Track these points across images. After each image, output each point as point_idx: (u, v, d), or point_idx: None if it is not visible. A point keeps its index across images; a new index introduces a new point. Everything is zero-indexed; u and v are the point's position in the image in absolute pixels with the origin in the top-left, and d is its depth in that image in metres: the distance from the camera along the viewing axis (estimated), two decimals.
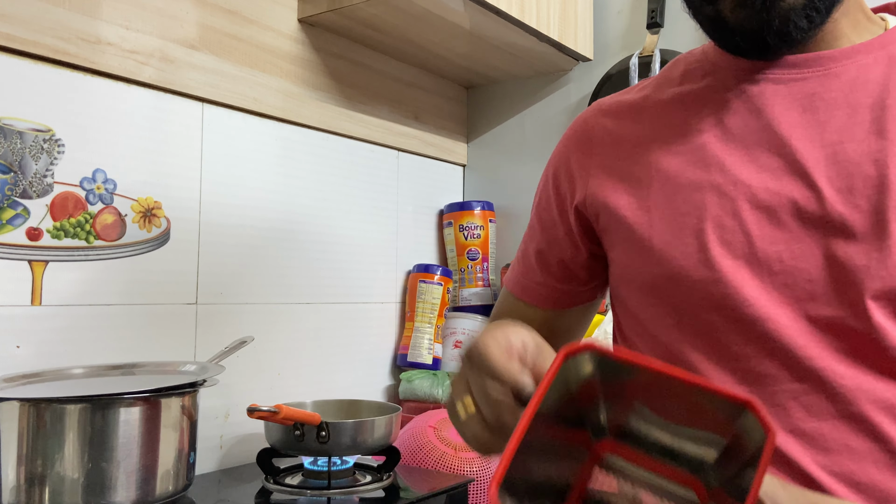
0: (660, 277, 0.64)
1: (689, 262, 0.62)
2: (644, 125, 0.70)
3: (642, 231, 0.66)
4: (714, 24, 0.63)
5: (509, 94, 1.72)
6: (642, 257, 0.66)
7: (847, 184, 0.58)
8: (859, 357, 0.57)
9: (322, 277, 1.38)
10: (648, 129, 0.70)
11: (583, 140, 0.75)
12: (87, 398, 0.84)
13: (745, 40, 0.62)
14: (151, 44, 1.11)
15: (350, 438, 1.06)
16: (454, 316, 1.60)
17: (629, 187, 0.68)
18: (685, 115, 0.68)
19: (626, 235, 0.68)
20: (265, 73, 1.27)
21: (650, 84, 0.74)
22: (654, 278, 0.65)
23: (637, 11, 1.54)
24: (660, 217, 0.65)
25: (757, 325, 0.59)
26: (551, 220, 0.77)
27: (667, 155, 0.67)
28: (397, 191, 1.58)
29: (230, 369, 1.13)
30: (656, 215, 0.65)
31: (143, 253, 1.10)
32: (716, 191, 0.62)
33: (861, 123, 0.60)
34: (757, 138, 0.63)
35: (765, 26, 0.59)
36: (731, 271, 0.60)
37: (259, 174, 1.28)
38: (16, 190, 0.96)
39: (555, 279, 0.79)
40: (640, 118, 0.71)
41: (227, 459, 1.20)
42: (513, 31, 1.42)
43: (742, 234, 0.60)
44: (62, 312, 1.01)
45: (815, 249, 0.58)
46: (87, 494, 0.83)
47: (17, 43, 0.96)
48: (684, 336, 0.63)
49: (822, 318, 0.58)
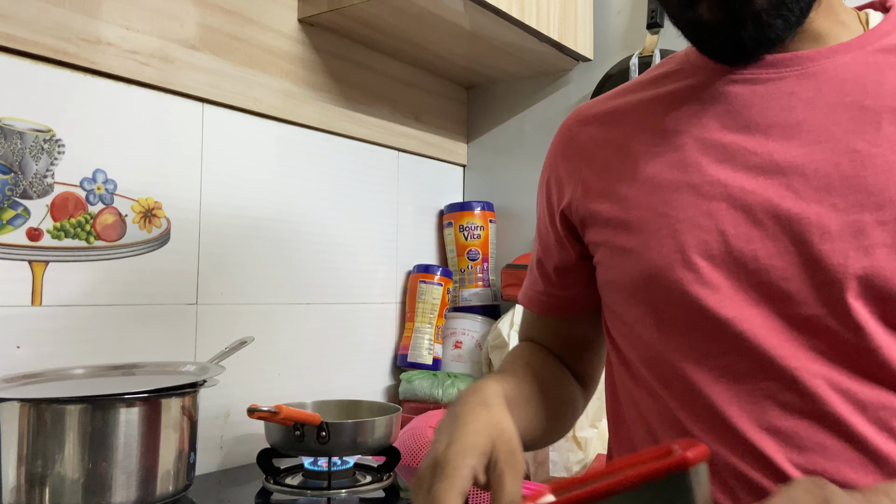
0: (639, 279, 0.64)
1: (666, 262, 0.62)
2: (625, 127, 0.71)
3: (622, 232, 0.66)
4: (694, 28, 0.63)
5: (509, 94, 1.72)
6: (623, 258, 0.66)
7: (824, 182, 0.58)
8: (834, 357, 0.57)
9: (322, 278, 1.38)
10: (629, 131, 0.70)
11: (566, 147, 0.76)
12: (88, 398, 0.84)
13: (724, 43, 0.62)
14: (151, 44, 1.11)
15: (350, 439, 1.06)
16: (454, 316, 1.60)
17: (610, 191, 0.69)
18: (665, 116, 0.68)
19: (608, 238, 0.68)
20: (265, 73, 1.27)
21: (632, 86, 0.74)
22: (634, 279, 0.65)
23: (637, 11, 1.54)
24: (639, 218, 0.65)
25: (731, 325, 0.59)
26: (545, 228, 0.79)
27: (646, 156, 0.67)
28: (397, 191, 1.58)
29: (230, 370, 1.13)
30: (635, 216, 0.66)
31: (143, 253, 1.10)
32: (693, 191, 0.63)
33: (838, 123, 0.59)
34: (734, 138, 0.63)
35: (740, 27, 0.59)
36: (706, 271, 0.61)
37: (259, 174, 1.28)
38: (16, 190, 0.96)
39: (554, 286, 0.80)
40: (621, 121, 0.71)
41: (228, 460, 1.20)
42: (513, 31, 1.42)
43: (718, 233, 0.61)
44: (62, 313, 1.00)
45: (791, 248, 0.58)
46: (87, 495, 0.83)
47: (17, 43, 0.96)
48: (665, 336, 0.64)
49: (798, 316, 0.58)
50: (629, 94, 0.73)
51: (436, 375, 1.46)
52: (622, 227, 0.67)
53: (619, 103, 0.73)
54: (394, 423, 1.12)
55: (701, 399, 0.61)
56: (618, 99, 0.74)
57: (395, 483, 1.11)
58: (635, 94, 0.72)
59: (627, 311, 0.68)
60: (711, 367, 0.61)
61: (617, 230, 0.67)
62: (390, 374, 1.55)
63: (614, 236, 0.67)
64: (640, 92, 0.72)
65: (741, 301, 0.59)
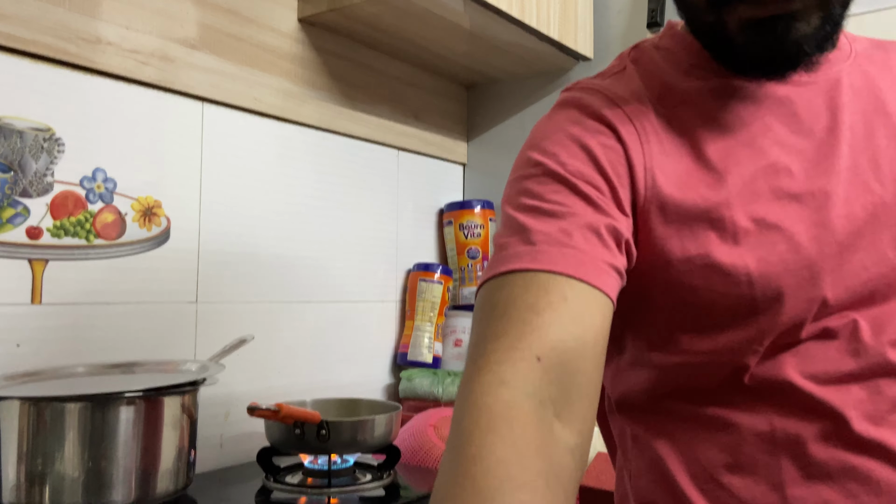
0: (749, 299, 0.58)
1: (795, 281, 0.57)
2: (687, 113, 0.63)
3: (726, 242, 0.58)
4: (715, 35, 0.59)
5: (509, 93, 1.73)
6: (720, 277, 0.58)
7: (878, 175, 0.59)
8: None
9: (322, 276, 1.38)
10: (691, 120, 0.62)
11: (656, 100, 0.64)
12: (88, 397, 0.84)
13: (751, 61, 0.59)
14: (151, 43, 1.11)
15: (350, 437, 1.06)
16: (454, 314, 1.60)
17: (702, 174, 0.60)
18: (728, 113, 0.62)
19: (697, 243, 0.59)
20: (265, 72, 1.27)
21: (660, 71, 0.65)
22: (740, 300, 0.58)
23: (637, 11, 1.54)
24: (746, 229, 0.58)
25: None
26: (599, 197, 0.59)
27: (728, 156, 0.60)
28: (397, 190, 1.58)
29: (230, 368, 1.13)
30: (742, 225, 0.58)
31: (143, 252, 1.10)
32: (795, 201, 0.58)
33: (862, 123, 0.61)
34: (806, 142, 0.60)
35: (777, 53, 0.58)
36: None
37: (259, 173, 1.28)
38: (16, 189, 0.97)
39: (616, 255, 0.58)
40: (682, 106, 0.63)
41: (228, 458, 1.21)
42: (513, 31, 1.42)
43: (836, 245, 0.58)
44: (62, 311, 1.01)
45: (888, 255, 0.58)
46: (87, 493, 0.83)
47: (17, 42, 0.96)
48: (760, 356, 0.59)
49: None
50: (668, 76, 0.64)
51: (436, 374, 1.46)
52: (726, 234, 0.58)
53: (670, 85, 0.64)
54: (394, 421, 1.12)
55: None
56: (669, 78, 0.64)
57: (396, 481, 1.11)
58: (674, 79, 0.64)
59: (700, 344, 0.59)
60: None
61: (714, 236, 0.58)
62: (390, 372, 1.55)
63: (707, 243, 0.58)
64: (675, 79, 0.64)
65: None
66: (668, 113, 0.62)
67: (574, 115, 0.63)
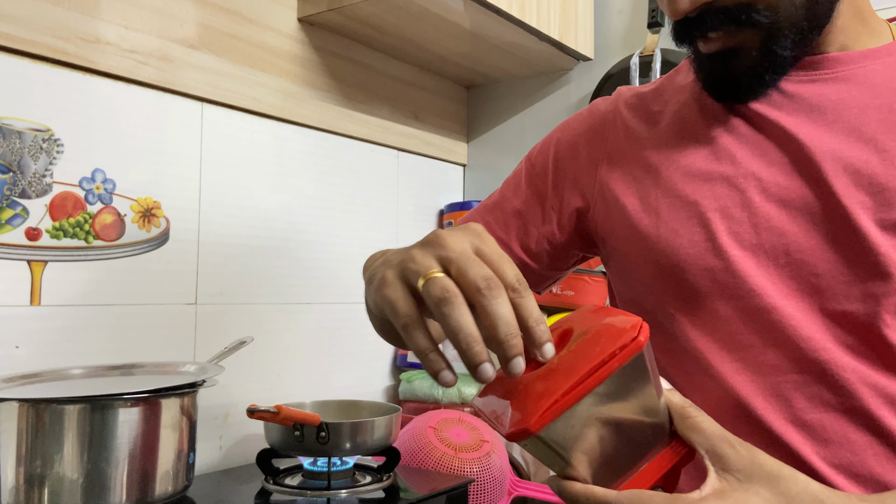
0: (666, 266, 0.64)
1: (696, 251, 0.63)
2: (659, 120, 0.71)
3: (648, 220, 0.67)
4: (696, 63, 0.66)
5: (509, 93, 1.72)
6: (647, 246, 0.66)
7: (853, 179, 0.59)
8: (865, 351, 0.58)
9: (322, 277, 1.38)
10: (662, 123, 0.71)
11: (598, 125, 0.76)
12: (87, 398, 0.84)
13: (713, 87, 0.65)
14: (151, 43, 1.11)
15: (350, 439, 1.06)
16: None
17: (635, 178, 0.69)
18: (698, 111, 0.69)
19: (629, 223, 0.68)
20: (265, 72, 1.27)
21: (667, 79, 0.75)
22: (660, 267, 0.65)
23: (638, 11, 1.53)
24: (667, 206, 0.66)
25: (762, 315, 0.60)
26: (543, 190, 0.78)
27: (677, 147, 0.68)
28: (397, 190, 1.58)
29: (230, 370, 1.13)
30: (663, 204, 0.66)
31: (142, 253, 1.10)
32: (726, 182, 0.63)
33: (868, 123, 0.61)
34: (766, 135, 0.64)
35: (730, 82, 0.63)
36: (738, 260, 0.61)
37: (259, 174, 1.27)
38: (15, 190, 0.96)
39: (519, 245, 0.78)
40: (656, 114, 0.72)
41: (227, 460, 1.20)
42: (513, 31, 1.41)
43: (750, 225, 0.61)
44: (61, 312, 1.00)
45: (823, 245, 0.59)
46: (86, 495, 0.83)
47: (16, 43, 0.96)
48: (687, 325, 0.64)
49: (830, 311, 0.58)
50: (664, 85, 0.74)
51: None
52: (647, 214, 0.67)
53: (653, 94, 0.74)
54: (393, 423, 1.12)
55: (724, 390, 0.61)
56: (653, 89, 0.75)
57: (395, 483, 1.10)
58: (669, 86, 0.74)
59: (647, 299, 0.68)
60: (736, 357, 0.61)
61: (641, 217, 0.67)
62: (390, 374, 1.55)
63: (637, 223, 0.67)
64: (673, 85, 0.73)
65: (773, 292, 0.60)
66: None
67: None
